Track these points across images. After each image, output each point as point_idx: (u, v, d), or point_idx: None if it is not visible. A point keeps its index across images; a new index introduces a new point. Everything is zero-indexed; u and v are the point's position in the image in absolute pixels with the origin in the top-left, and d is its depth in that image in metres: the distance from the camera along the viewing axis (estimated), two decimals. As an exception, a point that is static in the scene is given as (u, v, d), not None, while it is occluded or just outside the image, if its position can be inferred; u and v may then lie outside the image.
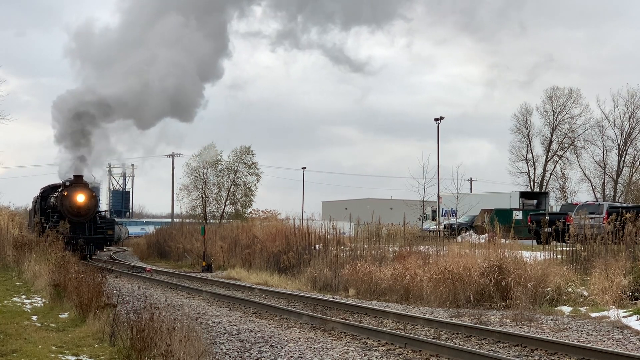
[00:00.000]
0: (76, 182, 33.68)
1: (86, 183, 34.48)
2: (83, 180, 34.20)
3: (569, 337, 12.45)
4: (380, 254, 22.59)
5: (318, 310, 16.31)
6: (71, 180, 33.71)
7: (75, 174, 34.04)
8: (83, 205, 33.30)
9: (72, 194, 33.22)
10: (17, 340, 9.98)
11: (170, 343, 8.13)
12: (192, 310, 15.89)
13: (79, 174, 34.10)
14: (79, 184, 33.71)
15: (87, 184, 34.68)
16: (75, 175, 33.96)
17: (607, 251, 17.57)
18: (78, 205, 33.21)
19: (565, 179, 68.23)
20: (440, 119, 52.23)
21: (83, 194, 33.42)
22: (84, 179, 34.12)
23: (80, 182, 33.87)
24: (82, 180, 34.14)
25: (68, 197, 33.04)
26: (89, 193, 34.15)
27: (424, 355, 10.97)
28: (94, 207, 34.35)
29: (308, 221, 29.02)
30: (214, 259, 31.15)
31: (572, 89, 68.48)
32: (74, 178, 33.81)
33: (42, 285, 15.69)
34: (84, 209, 33.37)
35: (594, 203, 32.83)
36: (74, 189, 33.40)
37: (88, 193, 33.95)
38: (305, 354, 11.06)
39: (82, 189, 33.67)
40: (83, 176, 34.34)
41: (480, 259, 17.95)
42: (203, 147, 55.57)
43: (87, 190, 34.06)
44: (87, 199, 33.49)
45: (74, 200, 33.12)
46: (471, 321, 14.25)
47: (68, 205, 33.02)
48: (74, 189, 33.40)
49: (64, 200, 33.11)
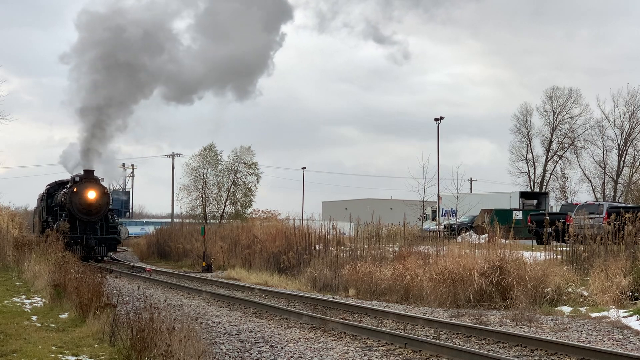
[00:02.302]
0: (86, 178, 31.34)
1: (97, 178, 32.19)
2: (94, 175, 31.93)
3: (569, 337, 12.45)
4: (380, 254, 22.59)
5: (318, 311, 16.31)
6: (81, 175, 31.45)
7: (85, 169, 31.79)
8: (94, 203, 31.04)
9: (83, 190, 30.88)
10: (17, 340, 9.97)
11: (170, 343, 8.13)
12: (192, 311, 15.89)
13: (90, 169, 31.83)
14: (89, 180, 31.39)
15: (99, 180, 32.35)
16: (86, 170, 31.71)
17: (607, 251, 17.57)
18: (89, 202, 30.94)
19: (565, 179, 68.38)
20: (440, 119, 52.24)
21: (94, 190, 31.14)
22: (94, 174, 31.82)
23: (91, 177, 31.56)
24: (93, 175, 31.86)
25: (78, 193, 30.77)
26: (101, 189, 31.78)
27: (424, 355, 10.97)
28: (105, 204, 31.90)
29: (308, 221, 29.03)
30: (214, 259, 31.13)
31: (572, 89, 68.70)
32: (84, 173, 31.53)
33: (42, 285, 15.69)
34: (95, 206, 31.12)
35: (594, 203, 32.80)
36: (84, 184, 31.07)
37: (99, 189, 31.62)
38: (305, 354, 11.06)
39: (93, 184, 31.37)
40: (94, 171, 32.10)
41: (480, 259, 17.93)
42: (203, 147, 55.73)
43: (98, 186, 31.73)
44: (98, 196, 31.19)
45: (84, 196, 30.82)
46: (471, 321, 14.25)
47: (78, 202, 30.81)
48: (84, 184, 31.06)
49: (73, 197, 30.86)
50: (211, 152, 55.22)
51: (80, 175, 31.50)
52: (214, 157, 55.14)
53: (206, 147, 55.40)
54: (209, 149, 55.22)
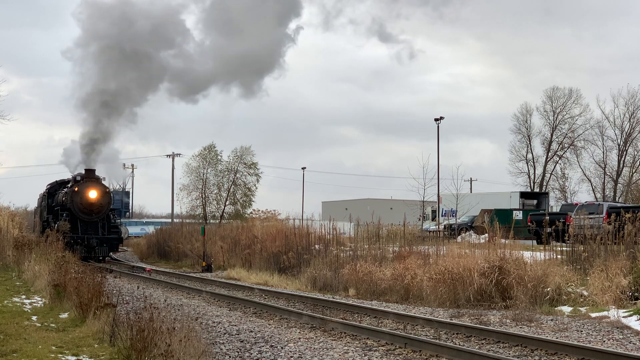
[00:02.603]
0: (88, 177, 31.15)
1: (99, 178, 31.90)
2: (95, 174, 31.66)
3: (569, 337, 12.45)
4: (380, 254, 22.59)
5: (318, 311, 16.31)
6: (82, 174, 31.24)
7: (86, 168, 31.55)
8: (96, 202, 30.82)
9: (84, 189, 30.68)
10: (17, 340, 9.98)
11: (170, 343, 8.13)
12: (192, 311, 15.89)
13: (91, 168, 31.56)
14: (90, 179, 31.18)
15: (100, 179, 32.07)
16: (87, 169, 31.49)
17: (607, 251, 17.57)
18: (90, 201, 30.71)
19: (565, 179, 68.38)
20: (440, 119, 52.27)
21: (95, 189, 30.93)
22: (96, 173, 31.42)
23: (92, 176, 31.34)
24: (95, 174, 31.60)
25: (79, 193, 30.56)
26: (102, 189, 31.60)
27: (424, 355, 10.97)
28: (107, 204, 31.65)
29: (308, 221, 29.03)
30: (214, 259, 31.11)
31: (572, 89, 68.73)
32: (85, 172, 31.33)
33: (42, 285, 15.70)
34: (96, 206, 30.90)
35: (594, 203, 32.80)
36: (86, 184, 30.88)
37: (101, 189, 31.41)
38: (305, 354, 11.06)
39: (94, 184, 31.14)
40: (95, 170, 31.84)
41: (480, 259, 17.93)
42: (203, 147, 55.76)
43: (100, 186, 31.49)
44: (99, 195, 30.96)
45: (85, 196, 30.59)
46: (471, 321, 14.25)
47: (79, 201, 30.61)
48: (85, 184, 30.86)
49: (74, 197, 30.64)
50: (211, 152, 55.28)
51: (81, 174, 31.28)
52: (214, 157, 55.20)
53: (206, 147, 55.53)
54: (209, 149, 55.29)
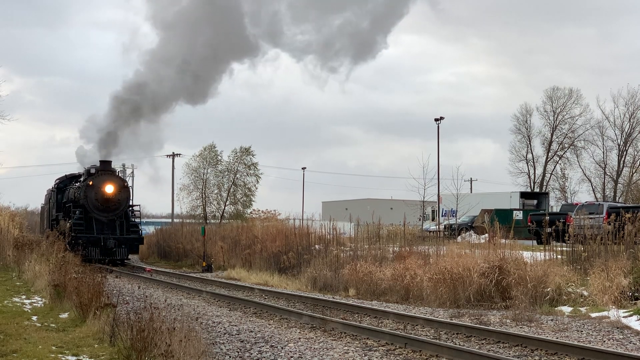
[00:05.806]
0: (103, 170, 28.15)
1: (115, 171, 29.23)
2: (111, 167, 28.92)
3: (569, 337, 12.46)
4: (381, 254, 22.59)
5: (318, 311, 16.31)
6: (96, 166, 28.24)
7: (102, 159, 28.56)
8: (113, 198, 27.79)
9: (100, 183, 27.60)
10: (17, 340, 9.98)
11: (170, 343, 8.13)
12: (192, 311, 15.88)
13: (107, 160, 28.66)
14: (106, 172, 28.22)
15: (117, 172, 29.44)
16: (102, 161, 28.46)
17: (607, 251, 17.57)
18: (106, 197, 27.63)
19: (565, 179, 68.38)
20: (440, 119, 52.29)
21: (112, 183, 27.89)
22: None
23: (108, 169, 28.47)
24: (111, 166, 28.81)
25: (94, 187, 27.51)
26: (120, 183, 28.62)
27: (424, 355, 10.97)
28: (125, 200, 28.49)
29: (308, 221, 29.03)
30: (214, 259, 31.12)
31: (572, 89, 68.72)
32: (101, 164, 28.30)
33: (42, 285, 15.71)
34: (113, 202, 27.89)
35: (594, 203, 32.79)
36: (101, 177, 27.82)
37: (118, 183, 28.39)
38: (305, 354, 11.06)
39: (111, 177, 28.21)
40: (111, 162, 29.09)
41: (480, 259, 17.94)
42: (203, 147, 55.77)
43: (117, 179, 28.58)
44: (117, 190, 27.93)
45: (101, 191, 27.49)
46: (471, 321, 14.25)
47: (94, 197, 27.51)
48: (100, 177, 27.79)
49: (88, 192, 27.56)
50: (211, 152, 55.31)
51: (95, 166, 28.40)
52: (214, 157, 55.22)
53: (206, 147, 55.59)
54: (209, 149, 55.32)
